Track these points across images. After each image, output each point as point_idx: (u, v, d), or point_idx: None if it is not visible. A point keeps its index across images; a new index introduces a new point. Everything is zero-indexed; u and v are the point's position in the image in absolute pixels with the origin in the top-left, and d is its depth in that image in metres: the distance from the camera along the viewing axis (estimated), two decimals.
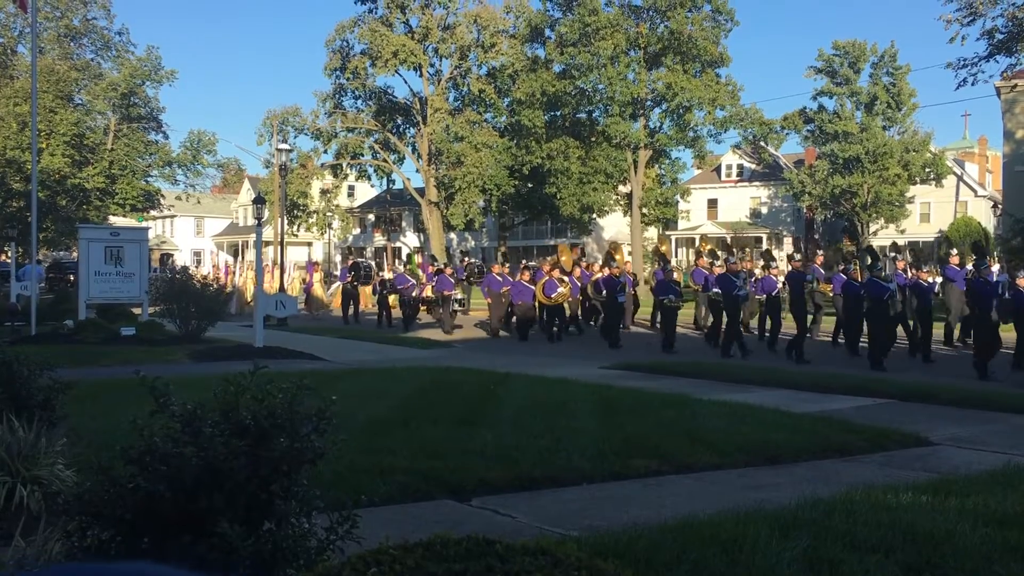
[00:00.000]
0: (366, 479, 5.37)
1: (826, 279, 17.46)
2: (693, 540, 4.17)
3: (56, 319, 18.06)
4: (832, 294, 17.08)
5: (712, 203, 60.86)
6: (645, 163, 47.41)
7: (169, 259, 70.11)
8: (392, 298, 23.08)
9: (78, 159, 42.83)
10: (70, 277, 33.22)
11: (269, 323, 18.87)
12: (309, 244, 70.84)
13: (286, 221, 40.49)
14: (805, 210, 56.86)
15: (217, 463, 3.19)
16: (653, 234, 59.98)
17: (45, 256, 45.18)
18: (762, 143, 51.46)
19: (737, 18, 45.10)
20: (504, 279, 20.19)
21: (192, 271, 24.25)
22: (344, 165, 52.33)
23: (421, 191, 52.36)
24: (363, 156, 52.30)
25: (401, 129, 52.54)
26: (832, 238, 56.06)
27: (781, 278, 17.46)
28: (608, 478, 5.97)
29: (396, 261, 30.17)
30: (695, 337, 18.53)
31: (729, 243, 52.38)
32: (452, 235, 61.90)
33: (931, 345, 14.88)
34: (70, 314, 17.84)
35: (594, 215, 50.20)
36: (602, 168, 46.55)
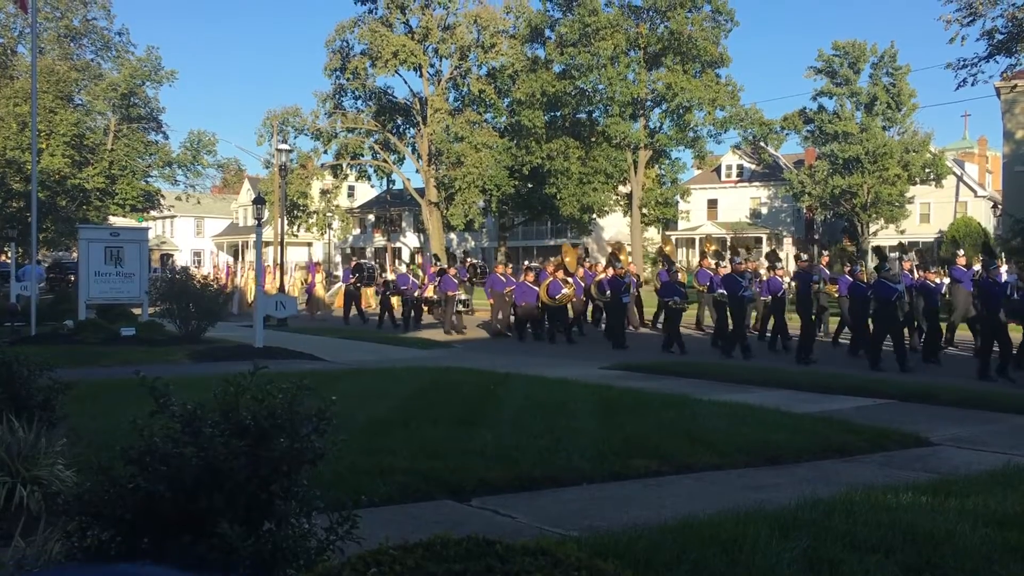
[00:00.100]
0: (366, 479, 5.37)
1: (831, 280, 17.39)
2: (693, 540, 4.17)
3: (56, 319, 18.05)
4: (837, 295, 17.04)
5: (712, 203, 60.86)
6: (645, 163, 47.45)
7: (169, 259, 70.08)
8: (395, 299, 23.09)
9: (78, 159, 42.84)
10: (70, 277, 33.20)
11: (269, 323, 18.88)
12: (309, 244, 70.84)
13: (286, 221, 40.51)
14: (805, 210, 56.88)
15: (217, 463, 3.19)
16: (653, 234, 60.01)
17: (44, 256, 45.15)
18: (762, 143, 51.52)
19: (737, 18, 45.29)
20: (508, 280, 20.17)
21: (192, 271, 24.23)
22: (344, 165, 52.35)
23: (421, 191, 52.36)
24: (363, 156, 52.31)
25: (401, 129, 52.54)
26: (832, 238, 56.05)
27: (787, 279, 17.38)
28: (608, 478, 5.97)
29: (396, 261, 30.20)
30: (697, 337, 18.51)
31: (729, 243, 52.34)
32: (452, 235, 61.91)
33: (939, 346, 14.81)
34: (70, 314, 17.84)
35: (594, 215, 50.22)
36: (602, 168, 46.57)
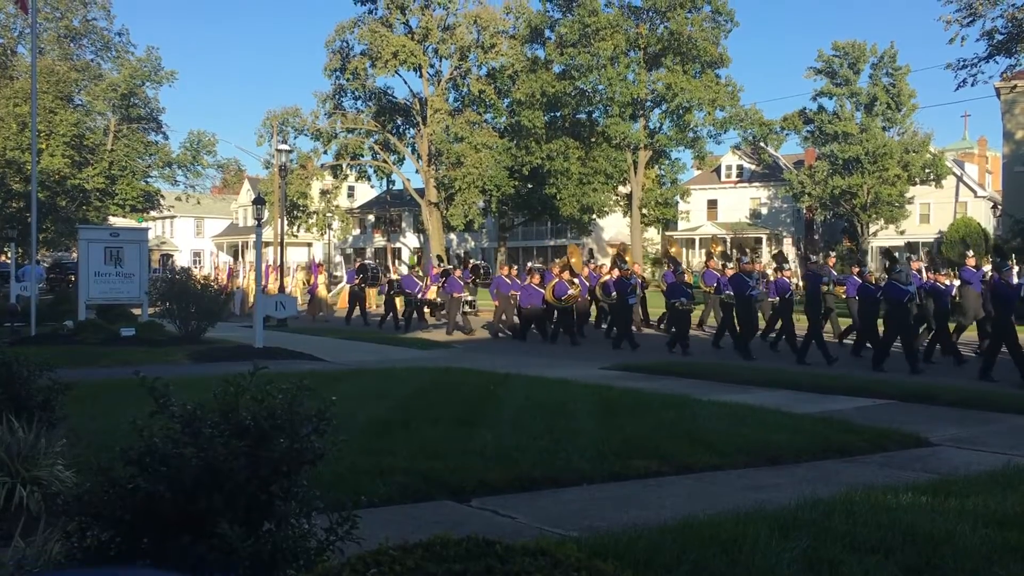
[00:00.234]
0: (366, 480, 5.37)
1: (838, 281, 17.29)
2: (693, 541, 4.17)
3: (56, 320, 18.05)
4: (845, 296, 17.00)
5: (712, 204, 60.86)
6: (645, 164, 47.48)
7: (169, 260, 70.10)
8: (399, 300, 23.06)
9: (78, 160, 42.85)
10: (70, 278, 33.21)
11: (268, 324, 18.87)
12: (309, 245, 70.84)
13: (286, 222, 40.52)
14: (805, 211, 56.89)
15: (217, 464, 3.18)
16: (653, 234, 60.03)
17: (44, 256, 45.17)
18: (762, 144, 51.54)
19: (737, 18, 45.37)
20: (513, 282, 20.12)
21: (193, 271, 24.24)
22: (344, 166, 52.35)
23: (421, 192, 52.36)
24: (363, 157, 52.31)
25: (401, 130, 52.54)
26: (832, 239, 56.03)
27: (795, 280, 17.28)
28: (608, 479, 5.97)
29: (396, 261, 30.17)
30: (698, 337, 18.50)
31: (729, 244, 52.35)
32: (452, 236, 61.91)
33: (953, 346, 14.74)
34: (70, 315, 17.84)
35: (594, 216, 50.23)
36: (602, 169, 46.57)
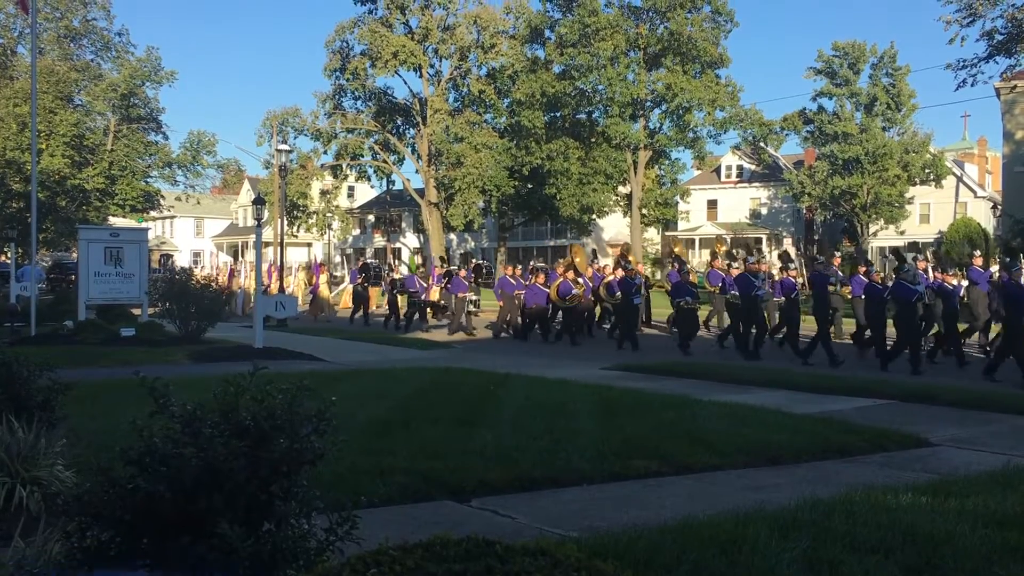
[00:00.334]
0: (366, 480, 5.37)
1: (843, 281, 17.26)
2: (693, 541, 4.17)
3: (56, 320, 18.05)
4: (851, 296, 16.96)
5: (712, 204, 60.86)
6: (645, 164, 47.46)
7: (169, 260, 70.07)
8: (401, 299, 23.05)
9: (78, 160, 42.82)
10: (71, 278, 33.20)
11: (268, 324, 18.87)
12: (309, 245, 70.84)
13: (286, 222, 40.51)
14: (805, 211, 56.89)
15: (217, 464, 3.18)
16: (653, 235, 60.02)
17: (44, 257, 45.15)
18: (762, 144, 51.53)
19: (737, 19, 45.32)
20: (518, 282, 20.11)
21: (193, 271, 24.23)
22: (344, 166, 52.33)
23: (421, 192, 52.35)
24: (363, 157, 52.30)
25: (401, 130, 52.53)
26: (832, 239, 56.03)
27: (800, 280, 17.24)
28: (608, 479, 5.97)
29: (396, 262, 30.14)
30: (704, 338, 18.50)
31: (728, 244, 52.35)
32: (452, 236, 61.90)
33: (961, 347, 14.66)
34: (70, 315, 17.84)
35: (594, 216, 50.22)
36: (602, 169, 46.56)
